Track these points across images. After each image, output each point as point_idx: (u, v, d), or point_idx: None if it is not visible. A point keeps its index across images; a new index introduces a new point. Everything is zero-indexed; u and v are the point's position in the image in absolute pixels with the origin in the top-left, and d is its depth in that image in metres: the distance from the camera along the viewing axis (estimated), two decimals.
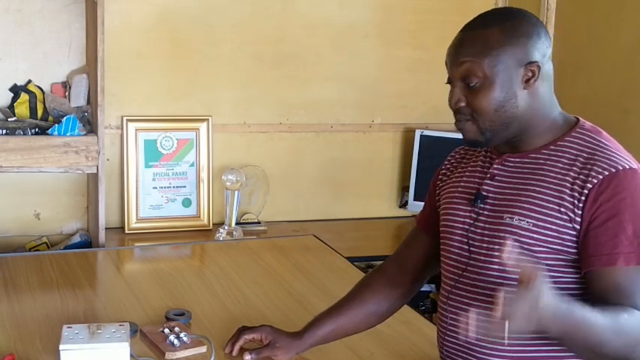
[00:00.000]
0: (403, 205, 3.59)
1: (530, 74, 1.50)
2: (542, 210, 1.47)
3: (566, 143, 1.52)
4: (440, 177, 1.75)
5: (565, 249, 1.46)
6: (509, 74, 1.49)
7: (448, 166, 1.75)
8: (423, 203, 1.83)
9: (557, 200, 1.46)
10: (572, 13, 3.33)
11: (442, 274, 1.66)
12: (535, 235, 1.47)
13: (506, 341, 1.27)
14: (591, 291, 1.46)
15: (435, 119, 3.59)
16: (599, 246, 1.42)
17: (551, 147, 1.53)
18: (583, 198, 1.44)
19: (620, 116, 3.09)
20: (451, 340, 1.60)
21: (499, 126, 1.51)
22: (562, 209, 1.46)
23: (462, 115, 1.53)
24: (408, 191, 3.52)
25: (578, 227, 1.45)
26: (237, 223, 3.23)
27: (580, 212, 1.44)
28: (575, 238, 1.45)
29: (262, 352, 1.77)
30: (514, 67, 1.50)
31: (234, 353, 1.82)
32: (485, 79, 1.49)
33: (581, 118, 1.58)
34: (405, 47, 3.53)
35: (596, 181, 1.44)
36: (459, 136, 1.58)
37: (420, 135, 3.44)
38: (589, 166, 1.46)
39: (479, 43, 1.50)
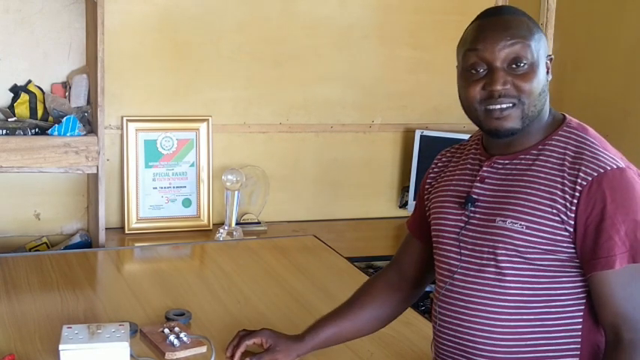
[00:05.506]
0: (403, 205, 3.59)
1: (548, 66, 1.53)
2: (535, 212, 1.47)
3: (553, 142, 1.52)
4: (428, 181, 1.74)
5: (558, 249, 1.47)
6: (543, 61, 1.52)
7: (435, 169, 1.74)
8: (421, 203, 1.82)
9: (549, 202, 1.46)
10: (572, 13, 3.33)
11: (436, 277, 1.66)
12: (528, 238, 1.47)
13: None
14: (593, 295, 1.46)
15: (435, 119, 3.60)
16: (597, 249, 1.43)
17: (539, 147, 1.53)
18: (575, 201, 1.44)
19: (620, 116, 3.09)
20: (445, 342, 1.60)
21: (537, 113, 1.51)
22: (554, 211, 1.46)
23: (507, 98, 1.48)
24: (408, 191, 3.52)
25: (571, 229, 1.45)
26: (237, 224, 3.23)
27: (573, 215, 1.44)
28: (569, 239, 1.46)
29: (263, 357, 1.75)
30: (544, 55, 1.52)
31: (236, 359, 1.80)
32: (533, 61, 1.49)
33: (567, 115, 1.58)
34: (405, 47, 3.53)
35: (585, 183, 1.44)
36: (459, 136, 1.58)
37: (420, 135, 3.45)
38: (577, 167, 1.46)
39: (523, 26, 1.50)
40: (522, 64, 1.48)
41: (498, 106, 1.49)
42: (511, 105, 1.49)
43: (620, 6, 3.14)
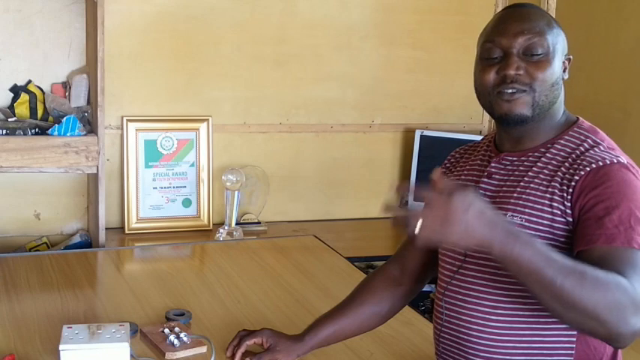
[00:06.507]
0: (403, 205, 3.58)
1: (565, 65, 1.56)
2: (534, 206, 1.49)
3: (562, 141, 1.54)
4: None
5: (557, 244, 1.47)
6: (560, 57, 1.54)
7: (448, 165, 1.77)
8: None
9: (548, 195, 1.48)
10: (572, 13, 3.33)
11: (439, 272, 1.68)
12: (527, 231, 1.47)
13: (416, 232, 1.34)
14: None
15: (435, 119, 3.60)
16: (584, 230, 1.42)
17: (548, 145, 1.55)
18: (570, 190, 1.46)
19: (621, 117, 3.09)
20: (447, 336, 1.62)
21: (548, 104, 1.52)
22: (553, 204, 1.47)
23: (519, 84, 1.50)
24: (408, 191, 3.51)
25: (570, 220, 1.46)
26: (237, 224, 3.23)
27: (569, 204, 1.46)
28: (568, 233, 1.46)
29: (263, 357, 1.75)
30: (561, 51, 1.55)
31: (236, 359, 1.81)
32: (548, 53, 1.51)
33: (581, 118, 1.60)
34: (405, 47, 3.53)
35: (583, 173, 1.45)
36: (459, 136, 1.59)
37: (420, 135, 3.44)
38: (579, 160, 1.48)
39: (543, 19, 1.54)
40: (538, 54, 1.51)
41: (510, 90, 1.51)
42: (522, 90, 1.51)
43: (620, 6, 3.14)
